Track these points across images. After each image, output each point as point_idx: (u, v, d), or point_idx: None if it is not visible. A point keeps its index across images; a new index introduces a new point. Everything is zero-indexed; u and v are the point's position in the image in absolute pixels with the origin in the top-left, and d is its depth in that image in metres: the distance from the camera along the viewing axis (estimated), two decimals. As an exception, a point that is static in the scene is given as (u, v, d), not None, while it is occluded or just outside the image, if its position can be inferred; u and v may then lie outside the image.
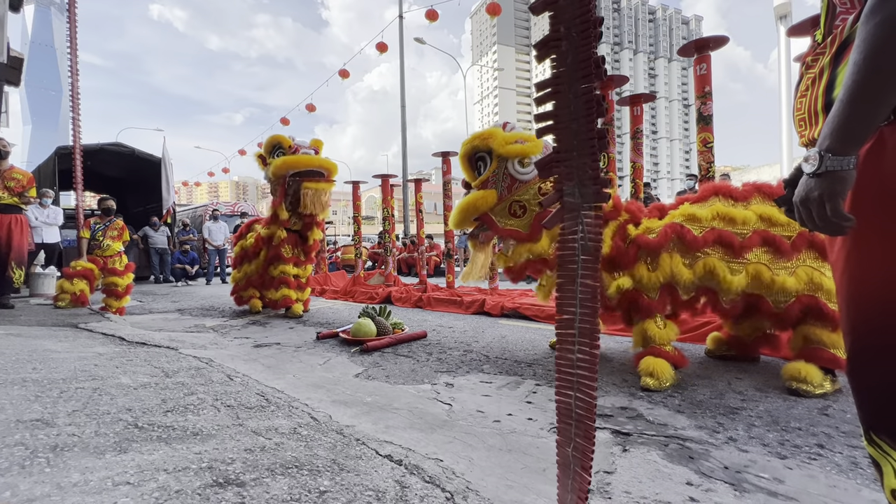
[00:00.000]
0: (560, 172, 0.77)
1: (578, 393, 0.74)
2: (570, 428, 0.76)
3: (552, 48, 0.75)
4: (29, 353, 2.32)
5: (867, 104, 0.66)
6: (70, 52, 4.71)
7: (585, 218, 0.74)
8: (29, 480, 0.98)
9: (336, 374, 2.31)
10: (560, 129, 0.77)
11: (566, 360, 0.76)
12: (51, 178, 8.19)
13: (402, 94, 13.52)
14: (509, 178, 2.35)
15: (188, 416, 1.46)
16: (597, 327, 0.74)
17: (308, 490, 1.01)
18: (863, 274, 0.72)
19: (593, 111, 0.73)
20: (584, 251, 0.74)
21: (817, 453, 1.37)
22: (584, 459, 0.75)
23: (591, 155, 0.74)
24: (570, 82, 0.74)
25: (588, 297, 0.74)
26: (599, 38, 0.72)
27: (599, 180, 0.74)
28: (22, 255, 4.40)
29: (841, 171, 0.68)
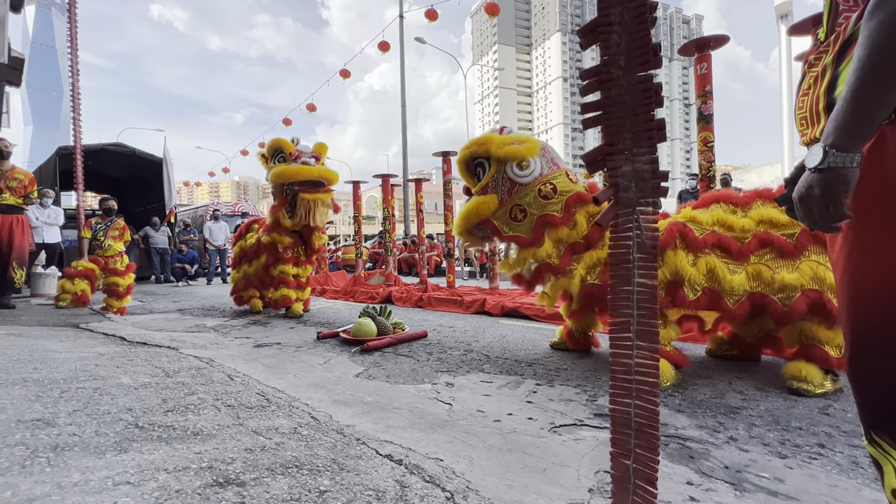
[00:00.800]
0: (614, 166, 0.72)
1: (638, 401, 0.70)
2: (629, 439, 0.71)
3: (601, 34, 0.70)
4: (30, 353, 2.32)
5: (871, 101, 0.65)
6: (71, 52, 4.71)
7: (642, 214, 0.70)
8: (29, 480, 0.98)
9: (336, 374, 2.31)
10: (612, 119, 0.72)
11: (623, 366, 0.72)
12: (52, 178, 8.21)
13: (403, 94, 13.52)
14: (509, 182, 2.34)
15: (189, 416, 1.47)
16: (656, 330, 0.70)
17: (308, 490, 1.01)
18: (864, 273, 0.72)
19: (651, 100, 0.69)
20: (641, 249, 0.70)
21: (818, 453, 1.37)
22: (648, 472, 0.70)
23: (649, 147, 0.69)
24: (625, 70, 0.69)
25: (646, 297, 0.70)
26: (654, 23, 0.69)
27: (658, 174, 0.70)
28: (23, 255, 4.41)
29: (843, 168, 0.67)
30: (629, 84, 0.69)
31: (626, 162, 0.71)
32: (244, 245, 4.63)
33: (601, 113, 0.73)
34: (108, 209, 5.02)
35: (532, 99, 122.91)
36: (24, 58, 7.75)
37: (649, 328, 0.70)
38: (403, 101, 13.50)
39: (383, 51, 10.85)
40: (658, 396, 0.70)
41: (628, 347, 0.71)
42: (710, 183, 3.23)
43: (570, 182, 2.38)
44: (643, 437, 0.70)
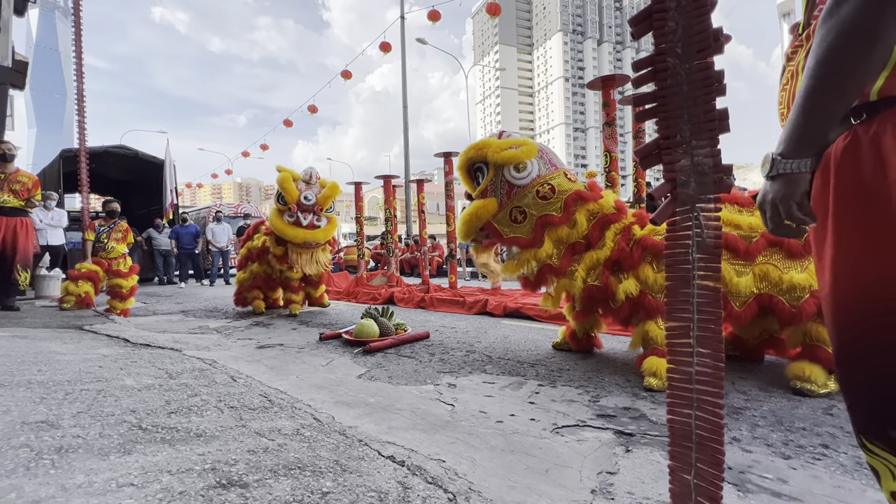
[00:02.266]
0: (671, 160, 0.68)
1: (699, 412, 0.66)
2: (690, 452, 0.67)
3: (657, 20, 0.67)
4: (34, 355, 2.33)
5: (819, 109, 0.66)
6: (75, 55, 4.74)
7: (703, 211, 0.65)
8: (34, 482, 0.99)
9: (339, 375, 2.31)
10: (668, 111, 0.68)
11: (682, 374, 0.68)
12: (56, 180, 8.26)
13: (405, 95, 13.53)
14: (507, 185, 2.37)
15: (192, 418, 1.47)
16: (720, 335, 0.65)
17: (311, 491, 1.01)
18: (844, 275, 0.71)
19: (713, 89, 0.65)
20: (701, 248, 0.66)
21: (822, 453, 1.37)
22: (711, 489, 0.65)
23: (710, 139, 0.65)
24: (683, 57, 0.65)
25: (708, 301, 0.65)
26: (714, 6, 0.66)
27: (721, 168, 0.65)
28: (27, 257, 4.43)
29: (792, 175, 0.68)
30: (687, 72, 0.65)
31: (685, 155, 0.66)
32: (251, 246, 4.70)
33: (656, 104, 0.69)
34: (112, 211, 5.04)
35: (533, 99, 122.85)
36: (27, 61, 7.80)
37: (712, 333, 0.66)
38: (405, 102, 13.51)
39: (384, 52, 10.87)
40: (723, 408, 0.65)
41: (688, 354, 0.67)
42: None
43: (569, 181, 2.38)
44: (705, 451, 0.66)
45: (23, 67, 7.56)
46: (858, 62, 0.62)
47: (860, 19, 0.60)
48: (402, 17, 13.32)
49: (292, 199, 4.01)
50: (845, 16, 0.61)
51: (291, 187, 4.03)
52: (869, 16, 0.60)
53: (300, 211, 4.03)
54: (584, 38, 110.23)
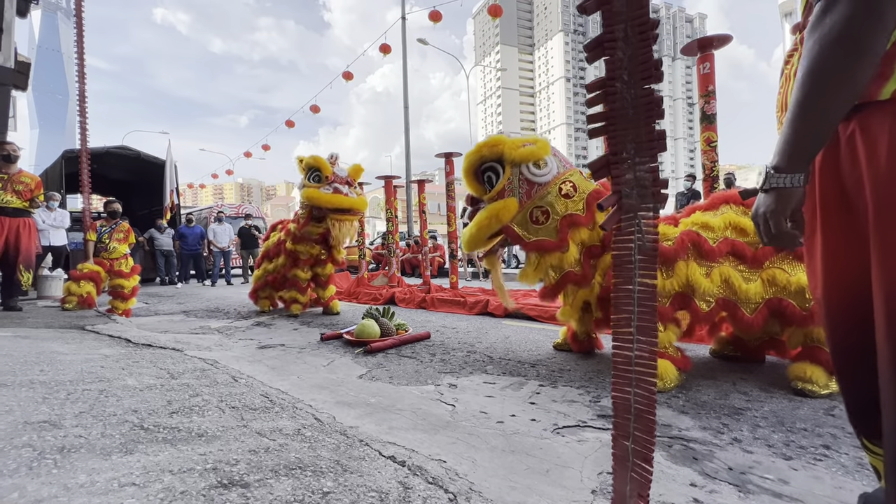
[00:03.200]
0: (617, 174, 0.77)
1: (638, 388, 0.77)
2: (629, 423, 0.79)
3: (607, 49, 0.75)
4: (37, 355, 2.34)
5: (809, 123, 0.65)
6: (77, 56, 4.75)
7: (643, 219, 0.75)
8: (36, 481, 0.99)
9: (340, 376, 2.32)
10: (616, 130, 0.76)
11: (624, 358, 0.78)
12: (58, 181, 8.29)
13: (406, 96, 13.54)
14: (527, 184, 2.22)
15: (193, 418, 1.48)
16: (655, 325, 0.76)
17: (311, 491, 1.02)
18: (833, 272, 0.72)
19: (653, 113, 0.73)
20: (642, 251, 0.75)
21: (823, 454, 1.37)
22: (645, 452, 0.77)
23: (650, 157, 0.74)
24: (628, 83, 0.74)
25: (646, 296, 0.76)
26: (656, 40, 0.73)
27: (658, 182, 0.74)
28: (30, 257, 4.45)
29: (785, 189, 0.69)
30: (632, 97, 0.74)
31: (629, 170, 0.75)
32: (268, 245, 4.78)
33: (606, 124, 0.78)
34: (113, 212, 5.06)
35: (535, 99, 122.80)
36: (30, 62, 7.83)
37: (648, 324, 0.76)
38: (406, 103, 13.52)
39: (385, 53, 10.88)
40: (655, 385, 0.77)
41: (629, 341, 0.78)
42: (714, 183, 3.22)
43: (586, 180, 2.32)
44: (641, 422, 0.77)
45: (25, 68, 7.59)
46: (845, 73, 0.61)
47: (845, 31, 0.60)
48: (404, 17, 13.33)
49: (329, 170, 4.15)
50: (830, 27, 0.61)
51: (325, 162, 4.18)
52: (854, 28, 0.60)
53: (337, 182, 4.15)
54: (586, 38, 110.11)
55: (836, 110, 0.64)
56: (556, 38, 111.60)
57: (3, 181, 4.21)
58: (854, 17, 0.59)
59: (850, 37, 0.60)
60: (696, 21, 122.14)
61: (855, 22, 0.59)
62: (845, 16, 0.60)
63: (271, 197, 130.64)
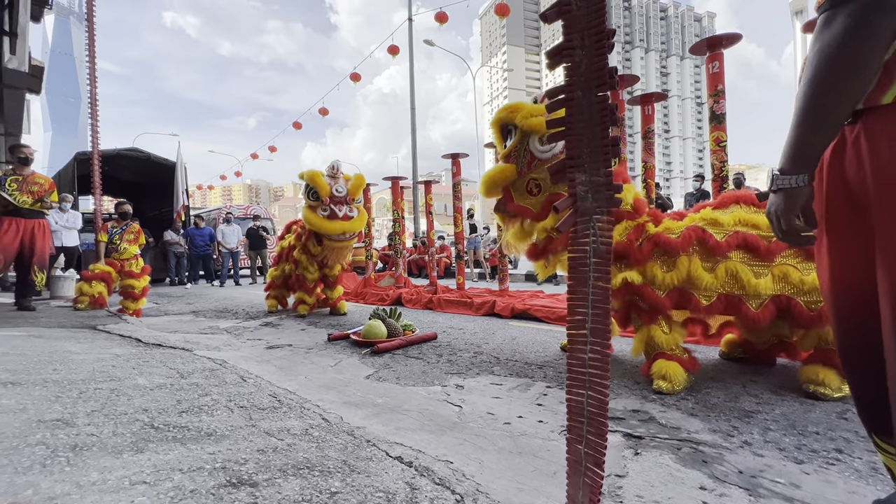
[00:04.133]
0: (573, 177, 0.78)
1: (590, 391, 0.76)
2: (582, 426, 0.78)
3: (565, 56, 0.77)
4: (49, 354, 2.38)
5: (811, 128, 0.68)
6: (89, 60, 4.82)
7: (598, 222, 0.76)
8: (50, 479, 1.01)
9: (347, 376, 2.33)
10: (573, 135, 0.78)
11: (578, 360, 0.78)
12: (70, 183, 8.42)
13: (412, 97, 13.57)
14: (529, 155, 2.27)
15: (202, 417, 1.49)
16: (608, 328, 0.76)
17: (319, 491, 1.02)
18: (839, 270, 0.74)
19: (607, 119, 0.74)
20: (596, 254, 0.76)
21: (836, 458, 1.35)
22: (596, 456, 0.76)
23: (604, 161, 0.75)
24: (585, 90, 0.75)
25: (600, 298, 0.76)
26: (612, 49, 0.74)
27: (612, 186, 0.75)
28: (44, 258, 4.52)
29: (791, 189, 0.72)
30: (588, 103, 0.75)
31: (585, 174, 0.77)
32: (283, 245, 4.83)
33: (564, 129, 0.79)
34: (124, 213, 5.12)
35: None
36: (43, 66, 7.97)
37: (602, 326, 0.75)
38: (413, 104, 13.55)
39: (393, 54, 10.92)
40: (608, 388, 0.75)
41: (583, 343, 0.77)
42: (724, 183, 3.19)
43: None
44: (594, 425, 0.76)
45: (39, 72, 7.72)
46: (843, 85, 0.64)
47: (842, 44, 0.62)
48: (410, 19, 13.37)
49: (325, 192, 4.06)
50: (830, 39, 0.63)
51: (322, 182, 4.08)
52: (851, 42, 0.62)
53: (333, 203, 4.08)
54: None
55: (835, 117, 0.66)
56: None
57: (18, 183, 4.28)
58: (850, 32, 0.61)
59: (847, 50, 0.62)
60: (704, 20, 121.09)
61: (852, 36, 0.61)
62: (842, 30, 0.62)
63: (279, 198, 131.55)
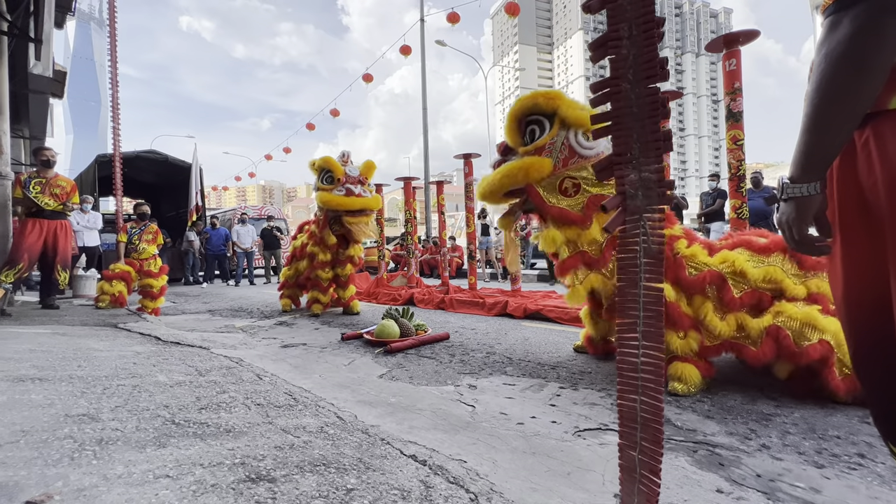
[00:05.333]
0: (622, 175, 0.75)
1: (643, 396, 0.74)
2: (636, 432, 0.75)
3: (611, 48, 0.74)
4: (74, 351, 2.45)
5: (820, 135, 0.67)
6: (111, 64, 4.95)
7: (648, 221, 0.73)
8: (78, 471, 1.04)
9: (361, 375, 2.35)
10: (620, 130, 0.75)
11: (629, 364, 0.75)
12: (91, 184, 8.63)
13: (424, 97, 13.60)
14: (568, 150, 2.08)
15: (221, 414, 1.52)
16: (661, 331, 0.73)
17: (336, 487, 1.04)
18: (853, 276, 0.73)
19: (658, 112, 0.71)
20: (647, 254, 0.73)
21: (857, 463, 1.32)
22: (651, 463, 0.73)
23: (655, 157, 0.72)
24: (633, 82, 0.72)
25: (652, 300, 0.73)
26: (661, 38, 0.71)
27: (664, 183, 0.72)
28: (67, 258, 4.65)
29: (801, 198, 0.71)
30: (637, 96, 0.72)
31: (634, 171, 0.74)
32: (296, 245, 4.91)
33: (610, 124, 0.76)
34: (142, 214, 5.25)
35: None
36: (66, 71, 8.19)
37: (655, 329, 0.73)
38: (425, 104, 13.58)
39: (405, 55, 10.96)
40: (662, 393, 0.73)
41: (635, 347, 0.75)
42: (741, 182, 3.14)
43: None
44: (648, 431, 0.74)
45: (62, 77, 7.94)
46: (851, 90, 0.62)
47: (849, 49, 0.61)
48: (422, 19, 13.41)
49: (340, 172, 4.16)
50: (835, 45, 0.62)
51: (336, 163, 4.19)
52: (858, 45, 0.60)
53: (349, 183, 4.16)
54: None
55: (843, 124, 0.65)
56: (575, 36, 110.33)
57: (41, 185, 4.42)
58: (858, 35, 0.60)
59: (853, 54, 0.60)
60: (721, 16, 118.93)
61: (859, 40, 0.60)
62: (849, 34, 0.60)
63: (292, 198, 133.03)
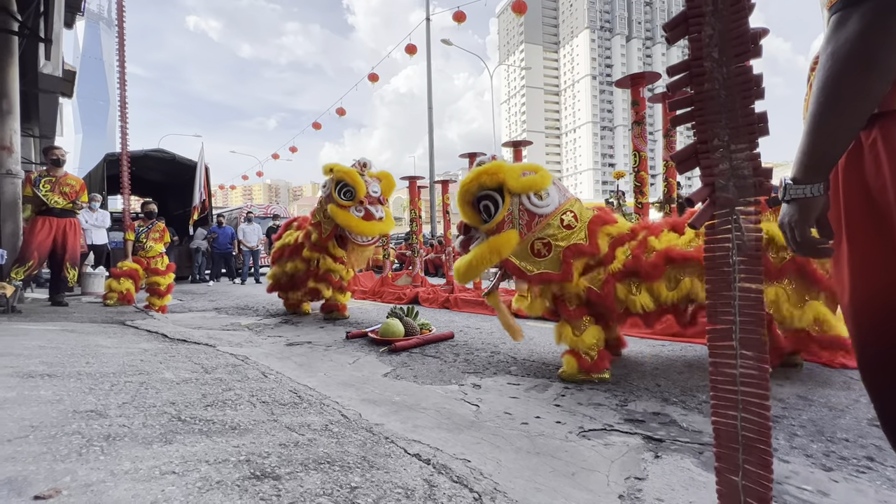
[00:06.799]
0: (708, 164, 0.68)
1: (745, 413, 0.66)
2: (737, 454, 0.67)
3: (693, 25, 0.68)
4: (82, 348, 2.48)
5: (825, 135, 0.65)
6: (119, 64, 4.99)
7: (742, 214, 0.66)
8: (86, 467, 1.06)
9: (365, 374, 2.36)
10: (705, 115, 0.68)
11: (726, 377, 0.68)
12: (100, 183, 8.72)
13: (430, 97, 13.60)
14: (527, 214, 2.14)
15: (226, 411, 1.53)
16: (762, 337, 0.66)
17: (340, 485, 1.04)
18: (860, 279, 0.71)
19: (751, 92, 0.65)
20: (742, 251, 0.66)
21: (866, 466, 1.30)
22: (760, 490, 0.65)
23: (749, 143, 0.66)
24: (719, 62, 0.66)
25: (750, 303, 0.65)
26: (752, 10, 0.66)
27: (760, 171, 0.66)
28: (76, 256, 4.70)
29: (805, 199, 0.69)
30: (725, 77, 0.66)
31: (723, 159, 0.67)
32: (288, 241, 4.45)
33: (693, 109, 0.70)
34: (150, 212, 5.30)
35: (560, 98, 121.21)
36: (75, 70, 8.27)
37: (754, 336, 0.65)
38: (430, 104, 13.58)
39: (410, 54, 10.97)
40: (769, 409, 0.65)
41: (731, 357, 0.67)
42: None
43: (585, 208, 2.28)
44: (753, 453, 0.66)
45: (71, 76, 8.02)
46: (858, 89, 0.61)
47: (857, 47, 0.59)
48: (428, 18, 13.40)
49: (363, 192, 3.73)
50: (843, 42, 0.60)
51: (361, 180, 3.71)
52: (866, 43, 0.59)
53: (370, 203, 3.74)
54: (613, 34, 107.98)
55: (849, 124, 0.63)
56: (581, 35, 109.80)
57: (51, 183, 4.47)
58: (865, 33, 0.58)
59: (861, 53, 0.59)
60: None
61: (866, 38, 0.58)
62: (856, 31, 0.59)
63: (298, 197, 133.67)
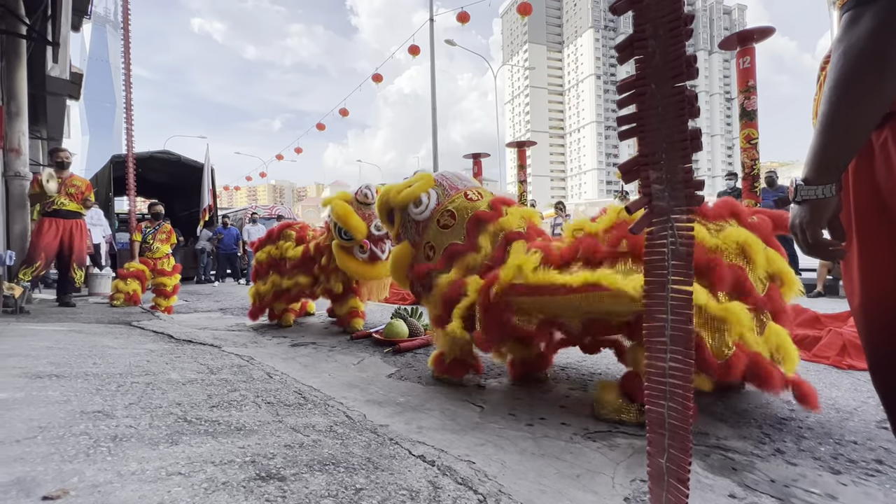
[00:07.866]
0: (647, 176, 0.75)
1: (671, 402, 0.73)
2: (663, 439, 0.74)
3: (637, 48, 0.73)
4: (89, 348, 2.50)
5: (837, 135, 0.65)
6: (125, 67, 5.03)
7: (676, 222, 0.72)
8: (93, 468, 1.06)
9: (369, 374, 2.36)
10: (646, 130, 0.74)
11: (657, 369, 0.74)
12: (106, 184, 8.79)
13: (433, 97, 13.62)
14: (413, 224, 2.33)
15: (232, 412, 1.54)
16: (690, 334, 0.72)
17: (345, 487, 1.04)
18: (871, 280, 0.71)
19: (685, 111, 0.70)
20: (676, 256, 0.72)
21: (875, 469, 1.29)
22: (680, 471, 0.72)
23: (682, 157, 0.71)
24: (659, 82, 0.72)
25: (681, 303, 0.72)
26: (689, 36, 0.70)
27: (692, 183, 0.71)
28: (82, 256, 4.75)
29: (816, 200, 0.69)
30: (663, 96, 0.71)
31: (660, 172, 0.73)
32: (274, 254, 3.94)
33: (636, 125, 0.76)
34: (156, 214, 5.34)
35: (564, 97, 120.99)
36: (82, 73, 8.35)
37: (683, 333, 0.72)
38: (434, 104, 13.59)
39: (414, 55, 10.99)
40: (691, 399, 0.72)
41: (663, 351, 0.74)
42: (755, 181, 3.09)
43: (470, 202, 2.22)
44: (677, 438, 0.73)
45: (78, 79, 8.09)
46: (871, 88, 0.60)
47: (870, 45, 0.59)
48: (432, 19, 13.42)
49: (362, 234, 3.20)
50: (855, 41, 0.60)
51: (358, 221, 3.19)
52: (879, 41, 0.58)
53: (373, 243, 3.23)
54: (617, 34, 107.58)
55: (862, 123, 0.63)
56: (586, 34, 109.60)
57: (58, 185, 4.51)
58: (878, 31, 0.58)
59: (874, 51, 0.58)
60: (734, 13, 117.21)
61: (879, 36, 0.58)
62: (869, 30, 0.58)
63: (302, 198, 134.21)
